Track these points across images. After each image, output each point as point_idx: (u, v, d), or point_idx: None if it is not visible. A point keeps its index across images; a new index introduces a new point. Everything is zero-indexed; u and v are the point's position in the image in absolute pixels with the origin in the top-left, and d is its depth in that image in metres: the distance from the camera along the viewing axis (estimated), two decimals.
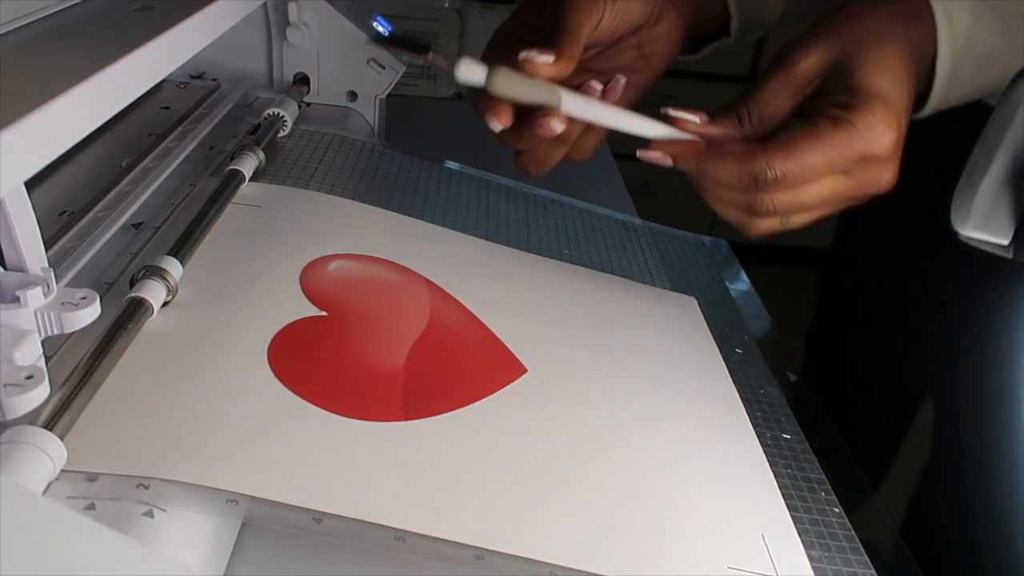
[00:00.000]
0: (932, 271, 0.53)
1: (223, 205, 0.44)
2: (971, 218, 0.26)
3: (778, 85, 0.39)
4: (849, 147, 0.36)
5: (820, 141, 0.36)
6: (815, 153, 0.36)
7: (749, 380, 0.45)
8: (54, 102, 0.27)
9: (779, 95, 0.39)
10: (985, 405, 0.48)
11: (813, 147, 0.36)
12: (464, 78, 0.39)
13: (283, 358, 0.34)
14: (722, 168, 0.38)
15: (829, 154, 0.37)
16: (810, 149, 0.36)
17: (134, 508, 0.27)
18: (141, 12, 0.39)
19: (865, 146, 0.37)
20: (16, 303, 0.29)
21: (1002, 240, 0.26)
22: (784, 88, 0.39)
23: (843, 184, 0.38)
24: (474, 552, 0.29)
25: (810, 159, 0.37)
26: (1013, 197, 0.26)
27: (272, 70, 0.65)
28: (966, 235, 0.27)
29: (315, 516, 0.28)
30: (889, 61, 0.38)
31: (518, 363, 0.38)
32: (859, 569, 0.34)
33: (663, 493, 0.34)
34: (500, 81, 0.39)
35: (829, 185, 0.38)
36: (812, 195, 0.38)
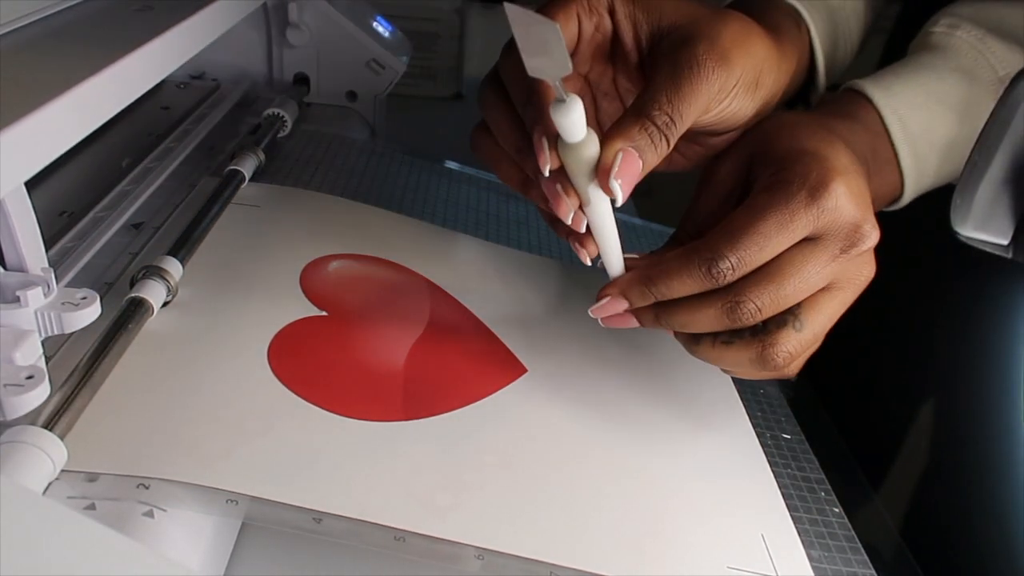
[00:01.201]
0: (932, 271, 0.53)
1: (223, 205, 0.44)
2: (971, 218, 0.26)
3: (705, 199, 0.37)
4: (789, 200, 0.32)
5: (757, 207, 0.33)
6: (757, 220, 0.32)
7: (749, 380, 0.45)
8: (54, 102, 0.27)
9: (707, 208, 0.37)
10: (985, 405, 0.48)
11: (753, 215, 0.32)
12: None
13: (283, 358, 0.34)
14: (670, 278, 0.33)
15: (772, 215, 0.32)
16: (750, 218, 0.32)
17: (134, 508, 0.27)
18: (141, 12, 0.39)
19: (808, 195, 0.33)
20: (16, 303, 0.29)
21: (1002, 240, 0.26)
22: (710, 200, 0.37)
23: (820, 256, 0.33)
24: (474, 552, 0.29)
25: (755, 226, 0.32)
26: (1013, 197, 0.26)
27: (272, 70, 0.66)
28: (966, 235, 0.27)
29: (315, 516, 0.28)
30: (808, 132, 0.35)
31: (518, 363, 0.38)
32: (859, 569, 0.34)
33: (663, 493, 0.34)
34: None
35: (804, 260, 0.33)
36: (794, 280, 0.33)
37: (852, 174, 0.34)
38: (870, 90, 0.41)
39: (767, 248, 0.33)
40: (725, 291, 0.33)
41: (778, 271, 0.33)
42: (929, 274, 0.53)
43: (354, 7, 0.65)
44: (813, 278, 0.33)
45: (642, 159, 0.32)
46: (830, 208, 0.33)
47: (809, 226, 0.33)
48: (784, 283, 0.33)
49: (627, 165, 0.31)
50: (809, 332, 0.34)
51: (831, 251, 0.33)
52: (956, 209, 0.27)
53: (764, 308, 0.33)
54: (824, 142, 0.35)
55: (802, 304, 0.34)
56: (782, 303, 0.33)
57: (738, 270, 0.33)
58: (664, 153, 0.33)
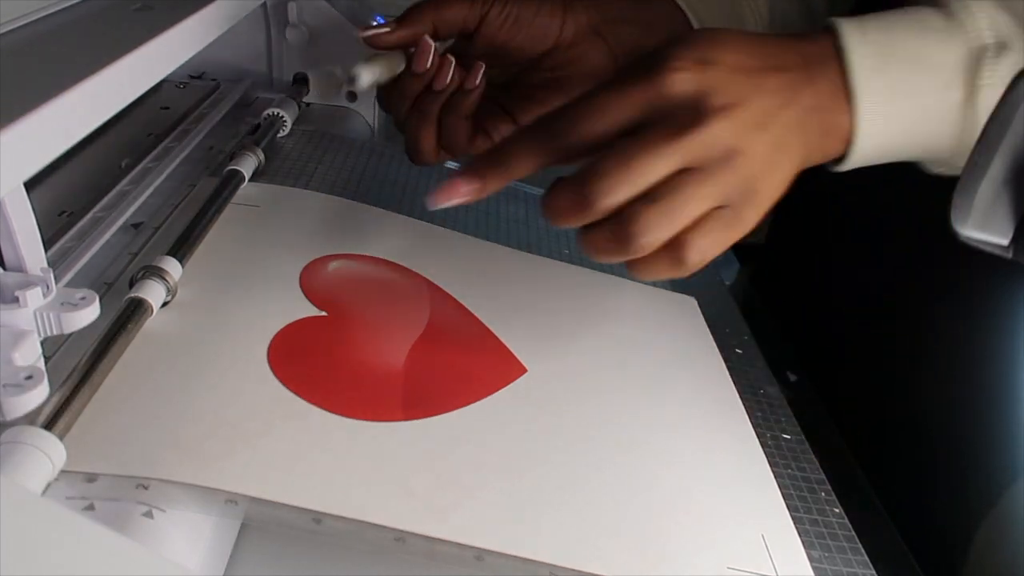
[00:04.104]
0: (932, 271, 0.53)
1: (222, 205, 0.44)
2: (971, 218, 0.26)
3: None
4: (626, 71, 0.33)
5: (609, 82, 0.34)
6: (598, 88, 0.33)
7: (749, 380, 0.45)
8: (54, 102, 0.27)
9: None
10: (986, 405, 0.48)
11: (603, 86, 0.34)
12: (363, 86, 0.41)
13: (283, 358, 0.34)
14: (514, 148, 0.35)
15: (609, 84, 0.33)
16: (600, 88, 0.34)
17: (133, 508, 0.27)
18: (141, 12, 0.39)
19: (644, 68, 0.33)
20: (15, 303, 0.29)
21: (1002, 240, 0.26)
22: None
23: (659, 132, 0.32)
24: (474, 552, 0.29)
25: (594, 93, 0.33)
26: (1013, 197, 0.26)
27: (272, 70, 0.65)
28: (966, 235, 0.27)
29: (315, 516, 0.28)
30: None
31: (518, 363, 0.38)
32: (859, 569, 0.34)
33: (663, 493, 0.34)
34: (364, 74, 0.41)
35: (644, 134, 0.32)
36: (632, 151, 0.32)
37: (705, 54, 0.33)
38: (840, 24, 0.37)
39: (600, 118, 0.33)
40: (575, 174, 0.33)
41: (618, 149, 0.33)
42: (929, 274, 0.53)
43: (354, 7, 0.65)
44: (654, 157, 0.32)
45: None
46: (664, 85, 0.33)
47: (643, 103, 0.33)
48: (625, 160, 0.32)
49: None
50: (664, 204, 0.32)
51: (670, 130, 0.32)
52: (956, 209, 0.26)
53: (611, 186, 0.32)
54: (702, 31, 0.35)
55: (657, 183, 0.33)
56: (627, 181, 0.32)
57: (571, 134, 0.34)
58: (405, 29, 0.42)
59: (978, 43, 0.35)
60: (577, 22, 0.45)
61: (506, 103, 0.45)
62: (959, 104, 0.35)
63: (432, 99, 0.43)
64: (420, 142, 0.44)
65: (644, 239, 0.33)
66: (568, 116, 0.34)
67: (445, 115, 0.43)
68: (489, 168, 0.35)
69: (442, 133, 0.44)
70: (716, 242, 0.33)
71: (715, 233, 0.33)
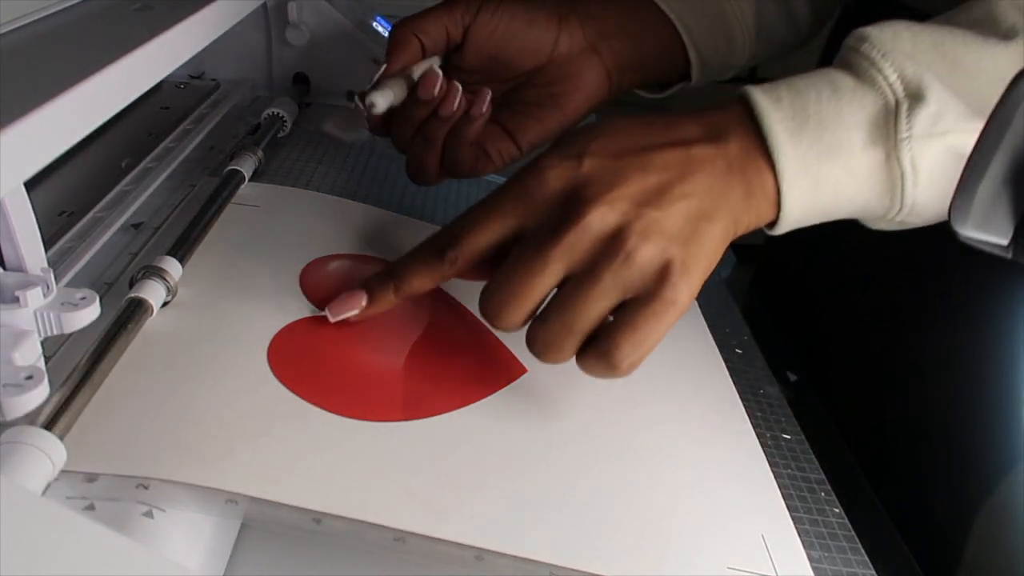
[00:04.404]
0: (932, 271, 0.53)
1: (222, 205, 0.44)
2: (970, 218, 0.26)
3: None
4: (506, 184, 0.34)
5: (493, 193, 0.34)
6: (478, 206, 0.34)
7: (749, 380, 0.45)
8: (54, 102, 0.27)
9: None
10: (986, 405, 0.48)
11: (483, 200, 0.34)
12: (380, 111, 0.41)
13: (283, 358, 0.34)
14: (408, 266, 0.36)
15: (489, 200, 0.34)
16: (477, 205, 0.34)
17: (134, 508, 0.27)
18: (141, 12, 0.39)
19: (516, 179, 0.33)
20: (16, 303, 0.29)
21: (1001, 240, 0.26)
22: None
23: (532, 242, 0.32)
24: (474, 552, 0.29)
25: (474, 212, 0.34)
26: (1012, 197, 0.26)
27: (272, 70, 0.65)
28: (965, 235, 0.27)
29: (315, 516, 0.28)
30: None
31: (518, 363, 0.38)
32: (859, 569, 0.34)
33: (663, 493, 0.34)
34: (380, 101, 0.41)
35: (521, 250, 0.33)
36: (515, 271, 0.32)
37: (581, 148, 0.33)
38: (750, 91, 0.36)
39: (481, 233, 0.34)
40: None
41: (502, 271, 0.33)
42: (929, 274, 0.53)
43: (354, 7, 0.65)
44: (533, 270, 0.32)
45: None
46: (533, 189, 0.33)
47: (517, 211, 0.33)
48: (508, 282, 0.32)
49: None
50: (555, 322, 0.32)
51: (543, 235, 0.32)
52: (956, 209, 0.26)
53: (505, 310, 0.33)
54: (582, 128, 0.35)
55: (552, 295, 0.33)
56: (517, 303, 0.32)
57: (460, 252, 0.34)
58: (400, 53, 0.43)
59: (891, 99, 0.34)
60: (572, 37, 0.45)
61: (506, 122, 0.45)
62: (882, 162, 0.34)
63: (438, 125, 0.42)
64: (424, 165, 0.44)
65: (549, 358, 0.33)
66: (450, 233, 0.34)
67: (450, 139, 0.43)
68: (380, 287, 0.36)
69: (445, 156, 0.44)
70: (649, 336, 0.32)
71: (643, 328, 0.32)
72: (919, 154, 0.34)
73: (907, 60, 0.34)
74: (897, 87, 0.34)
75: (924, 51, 0.35)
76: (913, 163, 0.34)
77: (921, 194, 0.35)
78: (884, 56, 0.34)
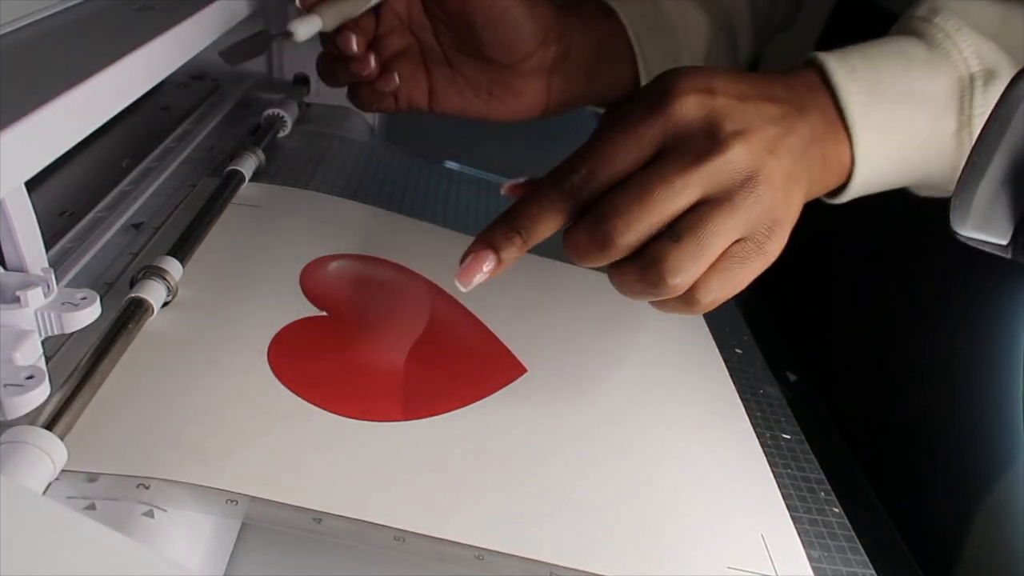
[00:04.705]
0: (932, 271, 0.53)
1: (223, 205, 0.44)
2: (970, 218, 0.26)
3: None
4: (633, 109, 0.32)
5: (607, 125, 0.33)
6: (604, 134, 0.32)
7: (749, 380, 0.45)
8: (54, 102, 0.27)
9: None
10: (985, 404, 0.48)
11: (602, 132, 0.32)
12: (305, 35, 0.41)
13: (283, 358, 0.34)
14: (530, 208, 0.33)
15: (618, 127, 0.32)
16: (599, 135, 0.32)
17: (134, 508, 0.27)
18: (141, 12, 0.39)
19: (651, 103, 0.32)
20: (16, 303, 0.29)
21: (1001, 240, 0.26)
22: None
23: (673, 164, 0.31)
24: (474, 552, 0.29)
25: (602, 139, 0.32)
26: (1012, 197, 0.26)
27: (272, 70, 0.65)
28: (965, 235, 0.27)
29: (315, 516, 0.28)
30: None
31: (518, 363, 0.38)
32: (859, 569, 0.34)
33: (663, 493, 0.34)
34: (328, 16, 0.41)
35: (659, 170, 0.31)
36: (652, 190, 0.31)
37: (708, 83, 0.33)
38: (825, 59, 0.36)
39: (616, 159, 0.32)
40: (591, 212, 0.32)
41: (635, 183, 0.31)
42: (929, 274, 0.53)
43: None
44: (673, 187, 0.31)
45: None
46: (674, 113, 0.32)
47: (656, 135, 0.32)
48: (642, 194, 0.31)
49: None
50: (691, 243, 0.31)
51: (686, 158, 0.31)
52: (955, 209, 0.27)
53: (630, 223, 0.31)
54: (693, 67, 0.34)
55: (679, 217, 0.32)
56: (647, 217, 0.31)
57: (590, 183, 0.32)
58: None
59: (965, 72, 0.34)
60: (546, 56, 0.44)
61: (433, 76, 0.45)
62: (952, 134, 0.35)
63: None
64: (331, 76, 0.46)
65: (674, 281, 0.32)
66: (583, 164, 0.32)
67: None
68: (506, 241, 0.33)
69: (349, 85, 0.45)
70: (738, 279, 0.32)
71: (736, 270, 0.32)
72: None
73: (980, 35, 0.35)
74: (972, 61, 0.35)
75: (991, 25, 0.35)
76: None
77: None
78: (959, 30, 0.35)
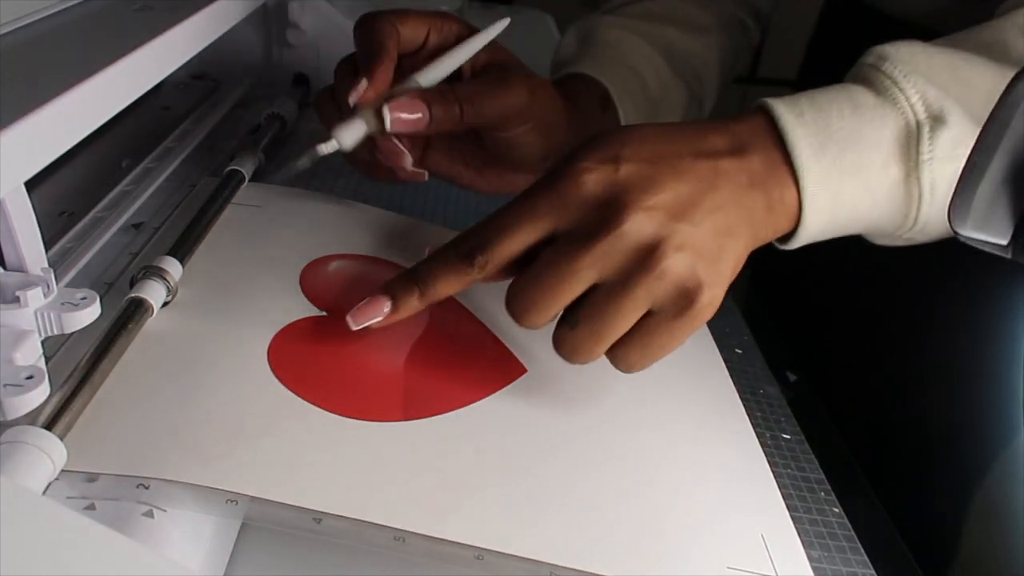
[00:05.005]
0: (932, 271, 0.53)
1: (223, 205, 0.44)
2: (970, 218, 0.26)
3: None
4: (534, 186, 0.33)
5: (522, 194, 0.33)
6: (507, 207, 0.33)
7: (749, 380, 0.45)
8: (54, 102, 0.27)
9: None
10: (985, 404, 0.49)
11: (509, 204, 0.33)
12: (352, 143, 0.39)
13: (283, 358, 0.34)
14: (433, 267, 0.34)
15: (518, 201, 0.33)
16: (505, 207, 0.33)
17: (134, 508, 0.27)
18: (141, 12, 0.39)
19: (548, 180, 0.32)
20: (16, 303, 0.29)
21: (1001, 240, 0.26)
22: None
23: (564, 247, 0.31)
24: (474, 552, 0.29)
25: (503, 213, 0.33)
26: (1012, 197, 0.26)
27: (272, 70, 0.66)
28: (965, 235, 0.27)
29: (315, 516, 0.28)
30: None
31: (518, 363, 0.38)
32: (859, 569, 0.34)
33: (662, 493, 0.34)
34: (346, 135, 0.39)
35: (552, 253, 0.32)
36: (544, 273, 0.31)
37: (616, 151, 0.32)
38: (773, 104, 0.36)
39: (511, 234, 0.32)
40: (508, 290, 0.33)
41: (533, 269, 0.32)
42: (929, 274, 0.53)
43: (354, 7, 0.65)
44: (563, 275, 0.31)
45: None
46: (567, 192, 0.32)
47: (550, 214, 0.32)
48: (538, 281, 0.32)
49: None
50: (585, 329, 0.32)
51: (578, 240, 0.31)
52: (955, 209, 0.27)
53: (529, 309, 0.32)
54: (613, 130, 0.34)
55: (579, 300, 0.32)
56: (544, 304, 0.32)
57: (485, 251, 0.32)
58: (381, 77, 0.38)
59: (912, 119, 0.34)
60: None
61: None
62: (900, 180, 0.35)
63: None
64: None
65: (578, 360, 0.33)
66: (480, 236, 0.33)
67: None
68: (405, 292, 0.34)
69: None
70: (660, 347, 0.32)
71: (655, 337, 0.32)
72: (939, 176, 0.34)
73: (927, 82, 0.35)
74: (919, 108, 0.34)
75: (940, 73, 0.35)
76: (932, 184, 0.34)
77: (934, 214, 0.35)
78: (906, 76, 0.35)
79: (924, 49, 0.36)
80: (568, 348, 0.33)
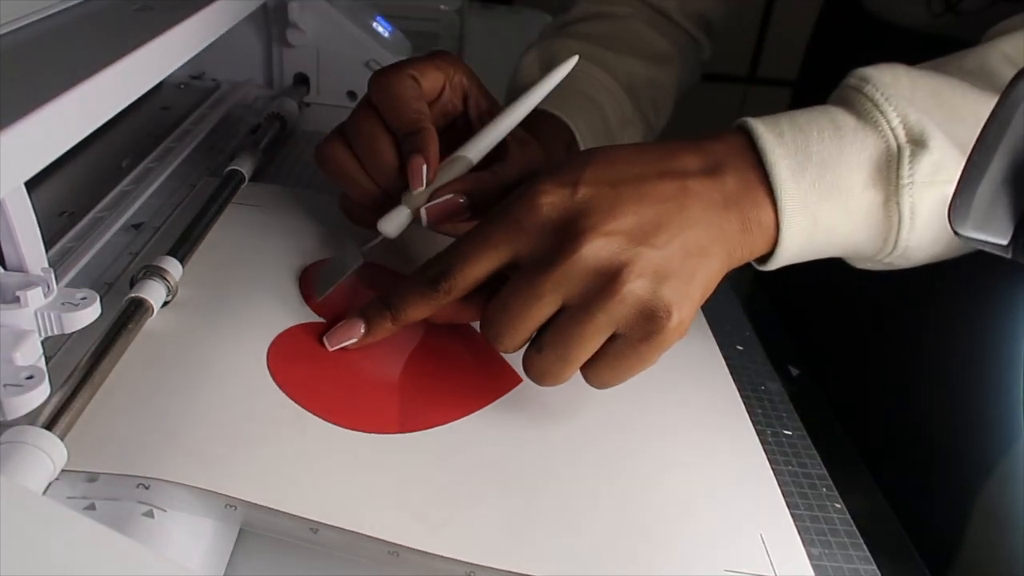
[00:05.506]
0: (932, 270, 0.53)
1: (223, 205, 0.44)
2: (970, 218, 0.26)
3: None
4: (493, 215, 0.33)
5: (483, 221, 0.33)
6: (468, 236, 0.33)
7: (750, 376, 0.45)
8: (54, 102, 0.27)
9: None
10: (986, 403, 0.49)
11: (478, 227, 0.33)
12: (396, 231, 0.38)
13: (282, 363, 0.34)
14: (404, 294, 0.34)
15: (478, 231, 0.33)
16: (468, 235, 0.33)
17: (134, 508, 0.27)
18: (141, 12, 0.39)
19: (504, 209, 0.32)
20: (16, 303, 0.29)
21: (1001, 240, 0.26)
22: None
23: (525, 274, 0.31)
24: (465, 568, 0.29)
25: (464, 243, 0.33)
26: (1012, 197, 0.26)
27: (272, 70, 0.66)
28: (965, 235, 0.27)
29: (312, 526, 0.28)
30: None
31: (513, 373, 0.38)
32: (861, 565, 0.34)
33: (661, 496, 0.33)
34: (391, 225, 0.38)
35: (515, 280, 0.32)
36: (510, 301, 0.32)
37: (575, 175, 0.32)
38: (753, 123, 0.35)
39: (473, 262, 0.32)
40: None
41: (499, 296, 0.32)
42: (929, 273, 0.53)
43: (354, 7, 0.65)
44: (526, 301, 0.31)
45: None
46: (524, 220, 0.32)
47: (509, 242, 0.32)
48: (505, 307, 0.32)
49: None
50: (550, 353, 0.32)
51: (538, 266, 0.31)
52: (955, 209, 0.26)
53: (501, 333, 0.32)
54: (576, 153, 0.34)
55: (546, 324, 0.32)
56: (513, 328, 0.32)
57: (449, 278, 0.33)
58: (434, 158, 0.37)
59: (893, 142, 0.34)
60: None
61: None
62: (880, 204, 0.34)
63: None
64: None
65: (546, 383, 0.33)
66: (443, 263, 0.33)
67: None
68: (378, 316, 0.35)
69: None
70: (630, 366, 0.32)
71: (623, 358, 0.32)
72: (919, 200, 0.34)
73: (909, 105, 0.34)
74: (899, 132, 0.34)
75: (922, 97, 0.35)
76: (912, 209, 0.34)
77: (915, 239, 0.35)
78: (887, 100, 0.34)
79: (907, 73, 0.35)
80: (537, 372, 0.33)
